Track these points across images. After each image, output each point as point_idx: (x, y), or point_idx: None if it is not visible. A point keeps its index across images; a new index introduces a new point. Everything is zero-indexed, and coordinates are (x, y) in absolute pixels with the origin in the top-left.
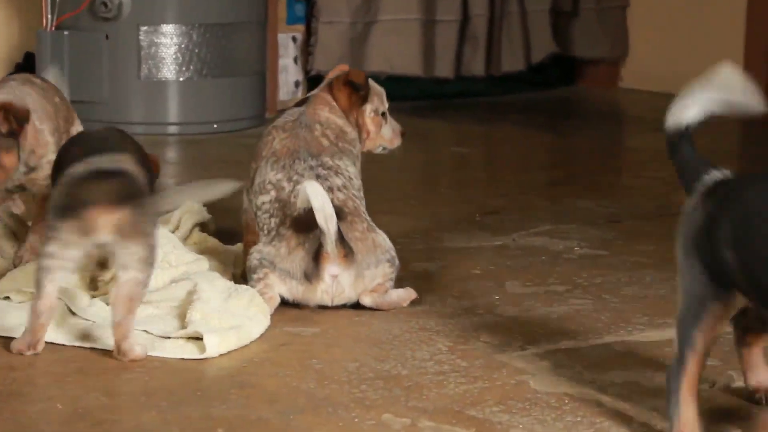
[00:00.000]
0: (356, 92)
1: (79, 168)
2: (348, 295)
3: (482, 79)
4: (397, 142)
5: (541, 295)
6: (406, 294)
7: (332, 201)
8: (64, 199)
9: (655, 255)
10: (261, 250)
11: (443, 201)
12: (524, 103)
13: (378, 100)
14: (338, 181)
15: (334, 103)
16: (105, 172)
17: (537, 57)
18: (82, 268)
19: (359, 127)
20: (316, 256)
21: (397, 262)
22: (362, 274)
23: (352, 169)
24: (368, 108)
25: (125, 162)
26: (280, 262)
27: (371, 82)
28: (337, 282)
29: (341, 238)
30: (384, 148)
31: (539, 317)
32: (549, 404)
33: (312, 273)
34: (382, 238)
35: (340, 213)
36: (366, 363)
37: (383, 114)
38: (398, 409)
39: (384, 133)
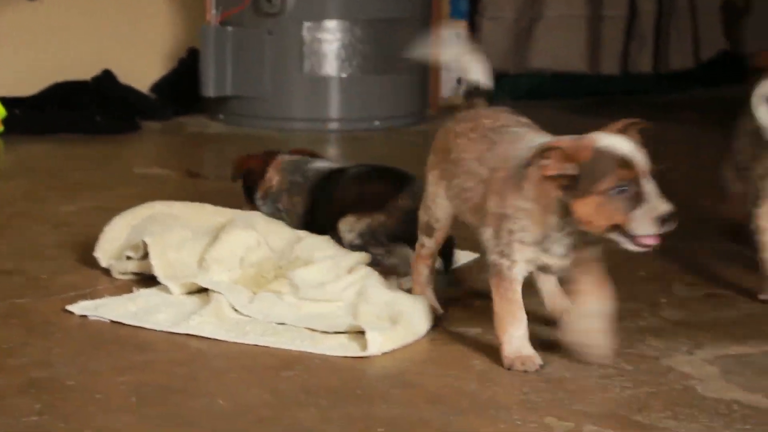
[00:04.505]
0: None
1: None
2: None
3: (649, 77)
4: None
5: (708, 298)
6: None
7: None
8: None
9: None
10: None
11: None
12: (694, 101)
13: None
14: None
15: None
16: None
17: (706, 54)
18: (248, 264)
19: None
20: None
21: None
22: None
23: None
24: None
25: None
26: None
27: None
28: None
29: None
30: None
31: (707, 321)
32: (717, 411)
33: None
34: None
35: None
36: None
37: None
38: (562, 413)
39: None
